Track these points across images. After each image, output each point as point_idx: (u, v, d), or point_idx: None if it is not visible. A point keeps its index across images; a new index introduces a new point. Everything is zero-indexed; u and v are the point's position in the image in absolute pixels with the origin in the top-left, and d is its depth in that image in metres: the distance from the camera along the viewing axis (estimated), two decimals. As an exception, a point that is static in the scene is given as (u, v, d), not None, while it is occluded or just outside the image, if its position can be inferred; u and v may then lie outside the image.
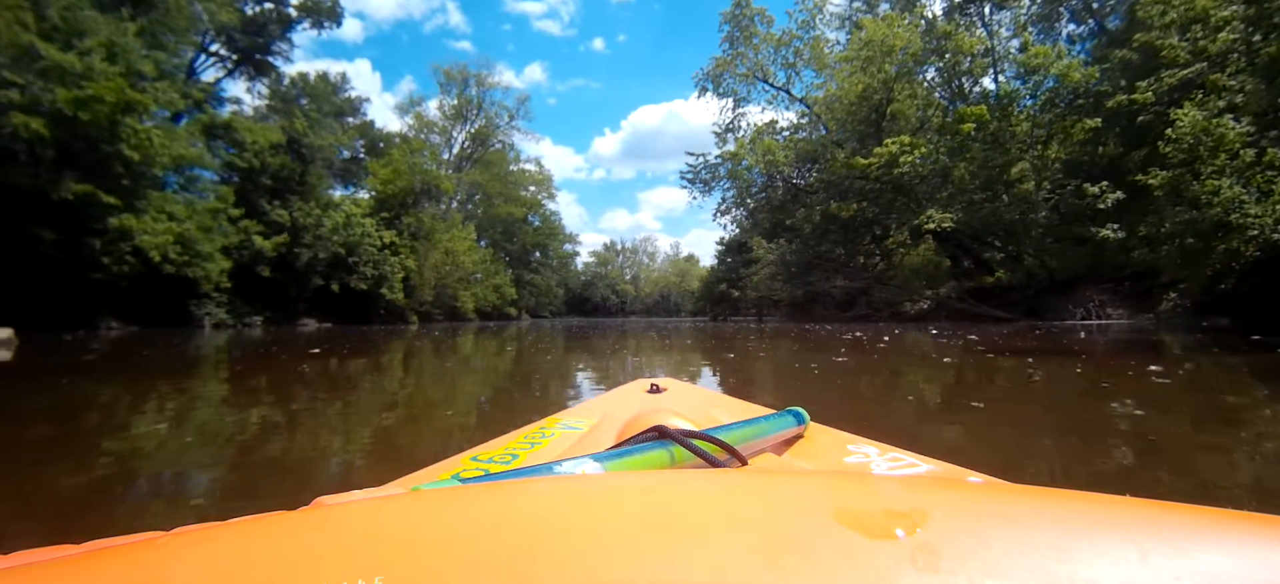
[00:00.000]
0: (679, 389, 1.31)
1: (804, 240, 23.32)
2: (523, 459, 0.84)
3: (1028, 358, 5.49)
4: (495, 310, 42.01)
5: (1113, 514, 0.30)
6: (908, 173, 18.64)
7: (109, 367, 6.00)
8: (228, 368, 5.95)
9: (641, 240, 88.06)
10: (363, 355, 7.36)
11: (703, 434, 0.65)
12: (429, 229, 30.11)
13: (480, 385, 4.60)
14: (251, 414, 3.06)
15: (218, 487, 1.87)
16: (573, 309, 72.46)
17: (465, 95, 47.44)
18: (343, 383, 4.55)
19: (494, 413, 3.36)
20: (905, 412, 3.05)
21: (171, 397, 3.78)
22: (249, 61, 32.45)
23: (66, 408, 3.25)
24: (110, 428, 2.79)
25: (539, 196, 57.11)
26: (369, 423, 2.85)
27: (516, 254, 52.99)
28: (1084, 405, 3.03)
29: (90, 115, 12.67)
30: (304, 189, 24.11)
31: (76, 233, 13.58)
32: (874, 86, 22.50)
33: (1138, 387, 3.53)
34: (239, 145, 21.87)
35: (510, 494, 0.36)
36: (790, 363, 5.79)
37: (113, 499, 1.70)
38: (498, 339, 11.73)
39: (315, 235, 22.37)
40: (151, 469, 2.05)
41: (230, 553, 0.28)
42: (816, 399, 3.29)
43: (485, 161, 49.31)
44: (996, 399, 3.38)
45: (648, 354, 7.69)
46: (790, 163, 26.05)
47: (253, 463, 2.14)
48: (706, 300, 39.67)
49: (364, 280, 24.54)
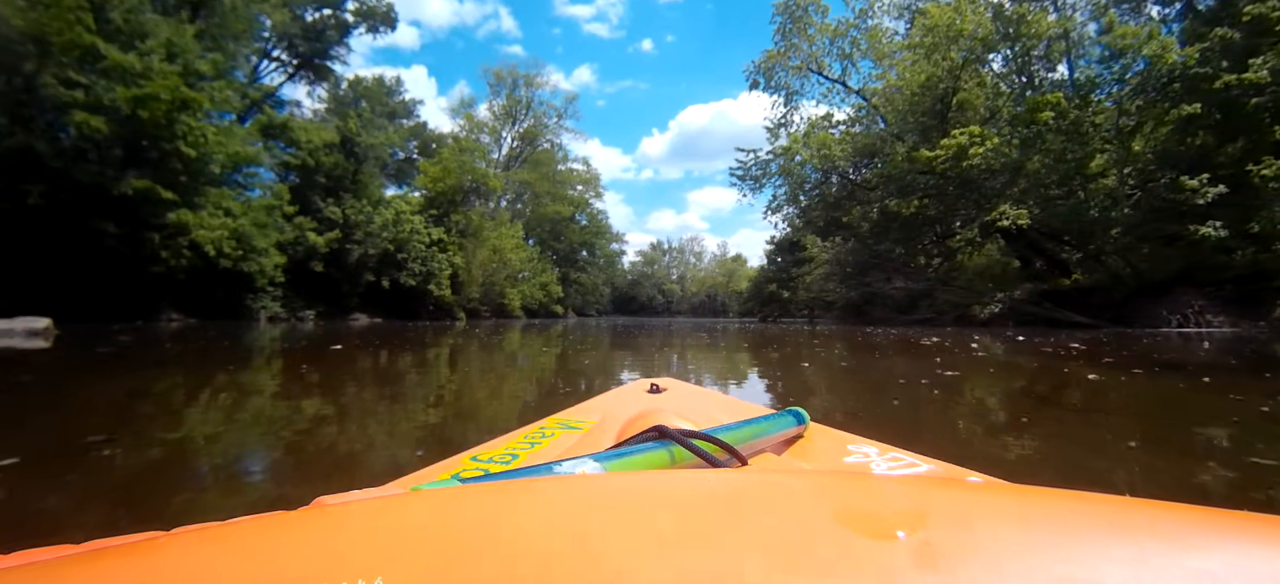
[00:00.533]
0: (679, 389, 1.29)
1: (861, 239, 22.10)
2: (523, 459, 0.84)
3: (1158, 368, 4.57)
4: (541, 308, 42.13)
5: (1113, 514, 0.30)
6: (979, 165, 17.28)
7: (152, 358, 5.83)
8: (272, 359, 5.78)
9: (688, 240, 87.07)
10: (409, 350, 7.18)
11: (703, 434, 0.65)
12: (477, 227, 30.28)
13: (524, 382, 4.51)
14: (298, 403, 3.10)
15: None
16: (619, 308, 72.38)
17: (514, 95, 47.87)
18: (392, 377, 4.58)
19: (537, 411, 2.89)
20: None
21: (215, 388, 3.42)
22: (308, 66, 33.55)
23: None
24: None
25: (586, 195, 57.18)
26: (413, 417, 2.89)
27: (563, 252, 53.16)
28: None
29: (149, 113, 12.98)
30: (356, 187, 24.55)
31: (137, 227, 13.99)
32: (938, 76, 21.09)
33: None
34: (295, 144, 22.41)
35: (510, 494, 0.36)
36: (891, 378, 4.69)
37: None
38: (542, 337, 11.43)
39: (366, 232, 22.70)
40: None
41: (230, 553, 0.28)
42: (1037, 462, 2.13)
43: (534, 161, 49.63)
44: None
45: (702, 359, 7.04)
46: (847, 157, 24.80)
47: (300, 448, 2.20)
48: (755, 301, 38.55)
49: (412, 277, 24.78)
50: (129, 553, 0.28)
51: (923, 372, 4.95)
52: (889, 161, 21.45)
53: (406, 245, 24.01)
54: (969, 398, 3.72)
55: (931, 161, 17.55)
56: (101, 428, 2.45)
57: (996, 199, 18.17)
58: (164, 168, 14.07)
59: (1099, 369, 5.05)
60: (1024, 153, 17.01)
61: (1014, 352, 7.35)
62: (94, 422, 2.67)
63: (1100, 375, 4.63)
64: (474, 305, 31.74)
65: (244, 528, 0.30)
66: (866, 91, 26.37)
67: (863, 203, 24.52)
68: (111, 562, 0.27)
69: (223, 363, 5.57)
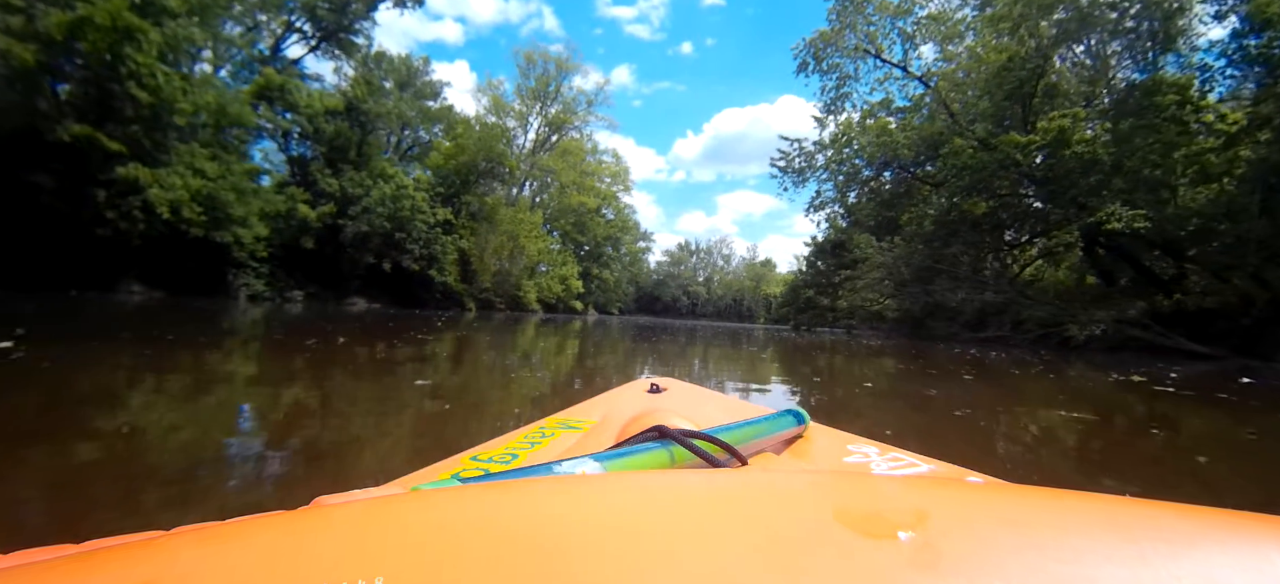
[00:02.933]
0: (679, 389, 1.25)
1: (925, 241, 19.10)
2: (523, 459, 0.84)
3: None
4: (560, 303, 39.79)
5: (1113, 514, 0.30)
6: (1083, 154, 14.29)
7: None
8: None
9: (717, 241, 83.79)
10: (385, 346, 5.62)
11: (703, 434, 0.65)
12: (490, 210, 27.89)
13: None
14: None
15: None
16: (642, 308, 69.98)
17: (543, 79, 45.57)
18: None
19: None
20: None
21: None
22: (332, 39, 31.87)
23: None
24: None
25: (614, 189, 54.67)
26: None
27: (587, 247, 50.75)
28: None
29: (88, 44, 10.87)
30: (361, 159, 22.40)
31: (78, 182, 11.87)
32: (1023, 55, 18.04)
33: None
34: (293, 108, 20.34)
35: (510, 494, 0.36)
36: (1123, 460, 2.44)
37: None
38: (552, 337, 9.88)
39: (362, 207, 20.45)
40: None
41: (230, 553, 0.28)
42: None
43: (561, 149, 47.28)
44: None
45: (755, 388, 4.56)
46: (911, 146, 21.80)
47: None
48: (790, 307, 35.47)
49: (415, 260, 22.47)
50: (128, 553, 0.28)
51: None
52: (958, 153, 18.43)
53: (408, 224, 21.64)
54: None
55: (1026, 147, 14.58)
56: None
57: (1094, 198, 15.13)
58: (110, 113, 11.92)
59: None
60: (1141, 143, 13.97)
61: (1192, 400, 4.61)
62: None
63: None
64: (486, 296, 29.49)
65: (243, 528, 0.30)
66: (930, 76, 23.34)
67: (924, 200, 21.52)
68: (111, 562, 0.27)
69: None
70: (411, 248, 22.13)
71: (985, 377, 6.07)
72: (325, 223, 19.86)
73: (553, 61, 45.84)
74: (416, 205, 21.83)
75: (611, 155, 55.52)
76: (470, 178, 26.78)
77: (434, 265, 23.24)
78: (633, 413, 0.92)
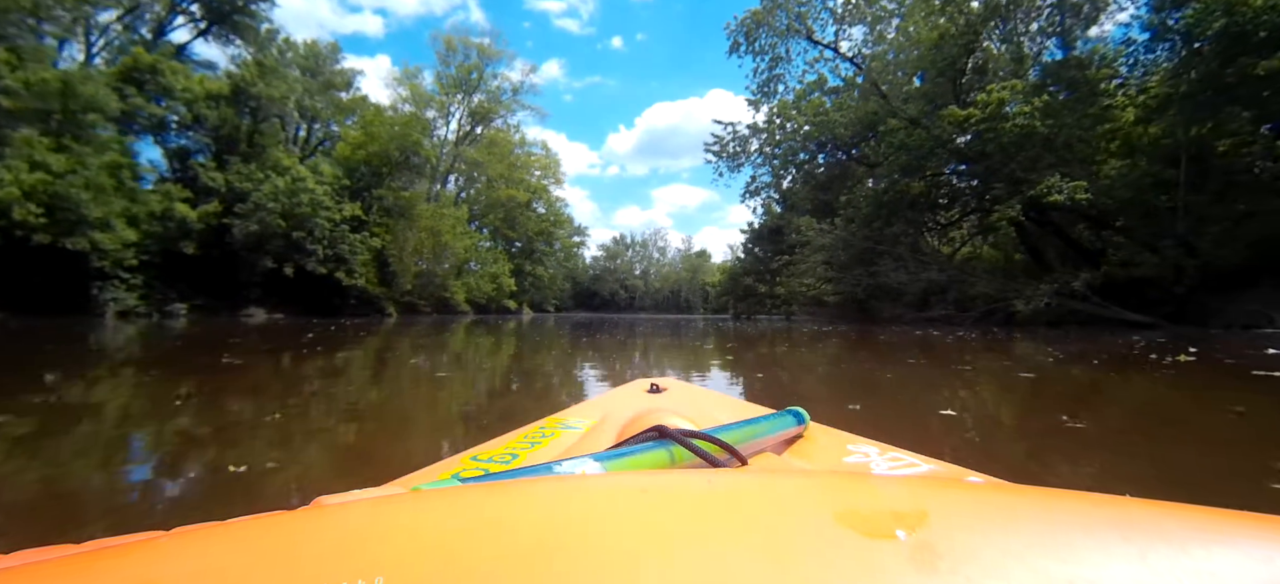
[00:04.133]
0: (679, 389, 1.25)
1: (864, 222, 18.75)
2: (523, 459, 0.83)
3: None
4: (492, 303, 37.76)
5: (1113, 514, 0.30)
6: (1024, 127, 14.10)
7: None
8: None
9: (652, 235, 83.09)
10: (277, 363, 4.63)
11: (703, 434, 0.64)
12: (408, 205, 25.69)
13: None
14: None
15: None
16: (580, 304, 68.47)
17: (465, 66, 43.07)
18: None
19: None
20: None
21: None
22: (223, 21, 28.50)
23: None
24: None
25: (545, 182, 52.70)
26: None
27: (519, 243, 48.68)
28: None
29: None
30: (253, 151, 19.86)
31: None
32: (952, 33, 17.93)
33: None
34: (167, 92, 17.70)
35: (510, 494, 0.36)
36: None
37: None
38: (477, 340, 8.86)
39: (253, 204, 18.04)
40: None
41: (230, 553, 0.28)
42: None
43: (487, 140, 44.94)
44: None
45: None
46: (849, 125, 21.45)
47: None
48: (730, 296, 35.03)
49: (320, 263, 20.16)
50: (129, 553, 0.28)
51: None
52: (895, 132, 18.16)
53: (308, 222, 19.31)
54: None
55: (964, 122, 14.26)
56: None
57: (1032, 172, 15.08)
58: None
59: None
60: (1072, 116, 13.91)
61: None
62: None
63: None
64: (409, 299, 27.25)
65: (244, 528, 0.30)
66: (861, 56, 23.16)
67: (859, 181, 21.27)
68: (111, 562, 0.27)
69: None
70: (314, 249, 19.78)
71: (937, 362, 5.22)
72: (209, 223, 17.37)
73: (475, 49, 43.43)
74: (317, 200, 19.46)
75: (541, 147, 53.55)
76: (383, 170, 24.49)
77: (343, 267, 20.95)
78: (633, 413, 0.91)
